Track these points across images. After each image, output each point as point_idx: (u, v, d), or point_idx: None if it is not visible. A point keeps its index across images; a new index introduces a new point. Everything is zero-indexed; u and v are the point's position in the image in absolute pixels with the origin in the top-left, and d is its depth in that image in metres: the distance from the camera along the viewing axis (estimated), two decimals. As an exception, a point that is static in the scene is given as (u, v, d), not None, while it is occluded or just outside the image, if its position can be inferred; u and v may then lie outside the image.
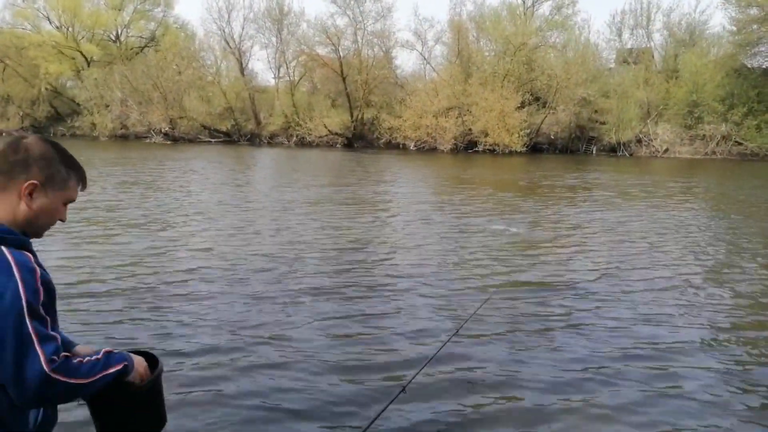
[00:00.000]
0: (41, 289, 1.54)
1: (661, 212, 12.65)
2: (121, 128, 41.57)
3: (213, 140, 40.53)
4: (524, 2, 39.54)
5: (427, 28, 52.09)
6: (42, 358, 1.49)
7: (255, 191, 15.33)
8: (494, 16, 38.40)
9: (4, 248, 1.53)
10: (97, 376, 1.60)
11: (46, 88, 44.57)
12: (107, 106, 41.87)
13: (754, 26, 34.25)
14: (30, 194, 1.60)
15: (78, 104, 44.36)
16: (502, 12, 38.71)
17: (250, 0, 64.78)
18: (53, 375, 1.51)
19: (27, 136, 1.65)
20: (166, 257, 7.69)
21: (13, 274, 1.49)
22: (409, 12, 63.48)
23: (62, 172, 1.67)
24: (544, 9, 39.66)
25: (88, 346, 1.83)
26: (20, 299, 1.48)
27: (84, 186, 1.76)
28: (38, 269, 1.56)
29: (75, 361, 1.58)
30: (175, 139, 39.84)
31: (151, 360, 1.87)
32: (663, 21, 40.12)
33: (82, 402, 1.72)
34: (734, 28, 35.64)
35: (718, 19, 63.31)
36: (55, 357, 1.52)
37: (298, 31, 41.35)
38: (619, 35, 40.57)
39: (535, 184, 18.20)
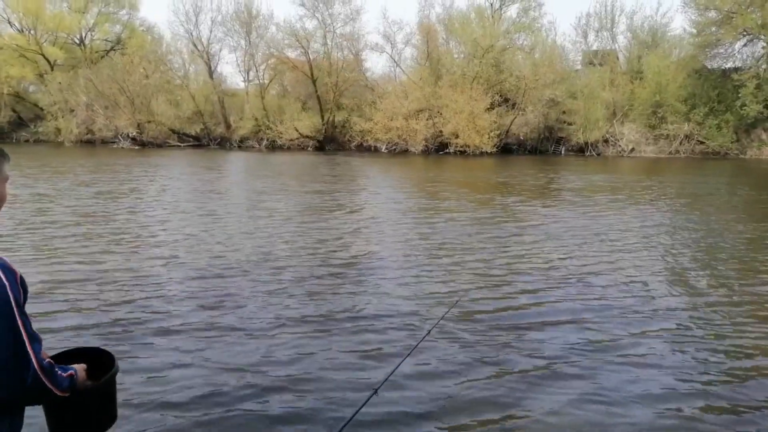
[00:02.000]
0: (21, 289, 1.61)
1: (642, 213, 12.81)
2: (87, 133, 40.67)
3: (182, 144, 39.98)
4: (492, 5, 40.04)
5: (396, 31, 52.65)
6: (33, 359, 1.58)
7: (230, 198, 15.16)
8: (463, 18, 38.75)
9: None
10: (66, 393, 1.70)
11: (8, 93, 43.35)
12: (72, 110, 40.91)
13: (713, 28, 35.28)
14: None
15: (41, 109, 43.24)
16: (471, 14, 39.09)
17: (218, 2, 64.36)
18: (42, 376, 1.60)
19: None
20: (133, 271, 7.61)
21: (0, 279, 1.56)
22: (378, 14, 63.67)
23: None
24: (512, 12, 40.25)
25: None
26: (9, 301, 1.55)
27: (9, 160, 1.81)
28: (17, 270, 1.62)
29: (57, 370, 1.68)
30: (143, 143, 39.19)
31: (109, 360, 1.94)
32: (626, 23, 41.24)
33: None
34: (694, 31, 36.66)
35: (679, 22, 65.35)
36: (43, 358, 1.62)
37: (267, 34, 41.15)
38: (585, 37, 41.43)
39: (510, 186, 18.44)
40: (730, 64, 36.41)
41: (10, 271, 1.59)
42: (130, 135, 39.53)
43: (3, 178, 1.75)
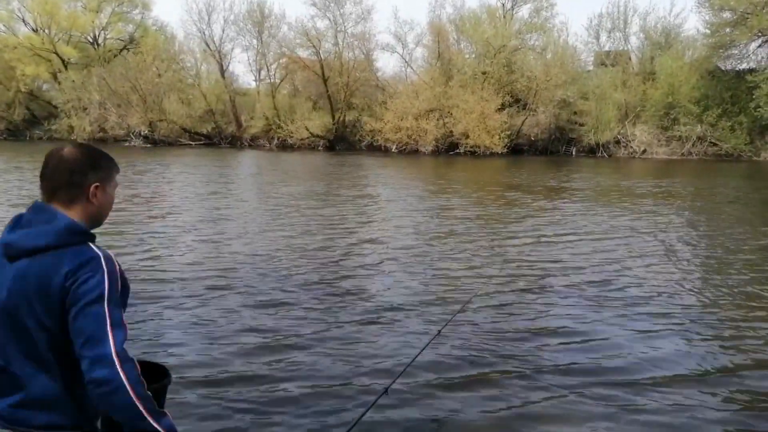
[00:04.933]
0: (119, 283, 1.70)
1: (658, 217, 12.47)
2: (100, 131, 41.05)
3: (193, 143, 40.21)
4: (503, 5, 39.91)
5: (407, 31, 52.26)
6: (111, 342, 1.59)
7: (242, 198, 14.97)
8: (474, 18, 38.64)
9: (91, 245, 1.72)
10: (146, 414, 1.61)
11: (23, 91, 43.80)
12: (85, 108, 41.31)
13: (727, 29, 34.92)
14: (95, 194, 1.79)
15: (55, 107, 43.70)
16: (482, 15, 38.97)
17: (231, 2, 64.58)
18: (118, 366, 1.57)
19: (63, 148, 1.79)
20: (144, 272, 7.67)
21: (101, 266, 1.66)
22: (389, 14, 63.58)
23: (111, 167, 1.89)
24: (523, 12, 40.10)
25: None
26: (103, 286, 1.63)
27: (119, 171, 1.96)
28: (118, 264, 1.73)
29: (141, 378, 1.63)
30: (154, 142, 39.47)
31: (162, 372, 1.97)
32: (639, 24, 40.77)
33: None
34: (708, 31, 36.30)
35: (693, 23, 64.79)
36: (124, 347, 1.62)
37: (278, 33, 41.29)
38: (597, 38, 41.11)
39: (524, 187, 18.33)
40: (744, 66, 36.05)
41: (112, 262, 1.69)
42: (142, 133, 39.84)
43: (114, 185, 1.89)
